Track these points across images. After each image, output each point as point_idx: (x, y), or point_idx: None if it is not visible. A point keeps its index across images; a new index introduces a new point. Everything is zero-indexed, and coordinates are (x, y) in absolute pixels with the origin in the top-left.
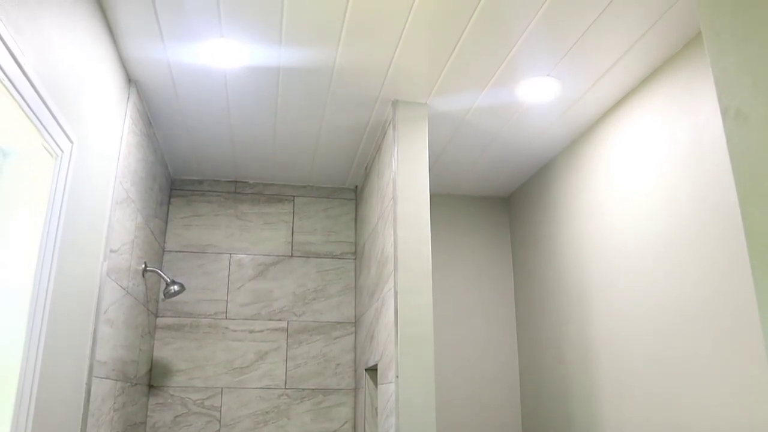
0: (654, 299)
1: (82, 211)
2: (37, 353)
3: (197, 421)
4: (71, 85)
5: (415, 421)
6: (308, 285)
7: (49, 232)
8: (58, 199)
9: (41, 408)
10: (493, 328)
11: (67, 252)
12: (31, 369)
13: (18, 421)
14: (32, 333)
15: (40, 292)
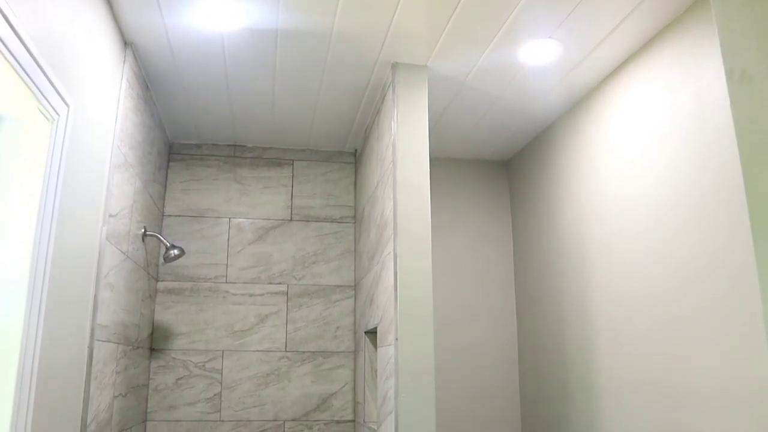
0: (653, 263)
1: (80, 176)
2: (39, 318)
3: (199, 383)
4: (66, 47)
5: (414, 383)
6: (308, 249)
7: (47, 197)
8: (56, 164)
9: (44, 371)
10: (493, 291)
11: (66, 217)
12: (33, 333)
13: (21, 385)
14: (33, 298)
15: (40, 257)
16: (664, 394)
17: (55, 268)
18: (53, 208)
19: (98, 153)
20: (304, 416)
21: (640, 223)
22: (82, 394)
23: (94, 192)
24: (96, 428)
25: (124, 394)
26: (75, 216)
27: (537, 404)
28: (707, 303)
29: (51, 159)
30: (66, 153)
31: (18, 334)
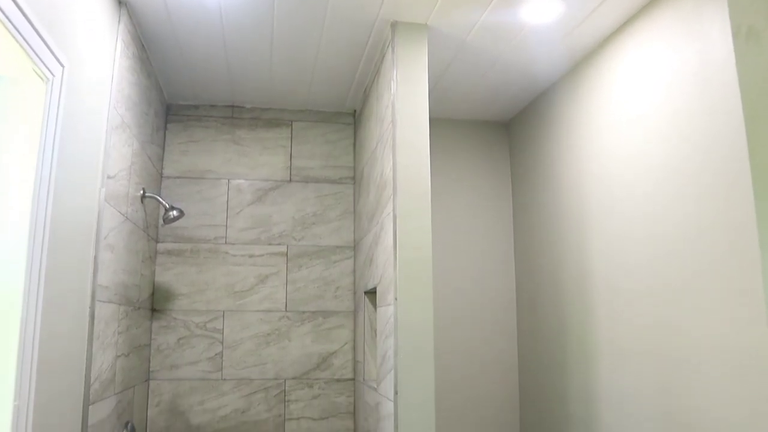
0: (653, 226)
1: (76, 137)
2: (39, 279)
3: (200, 343)
4: (59, 6)
5: (413, 342)
6: (307, 210)
7: (44, 158)
8: (52, 125)
9: (46, 331)
10: (491, 252)
11: (64, 178)
12: (34, 295)
13: (24, 345)
14: (33, 259)
15: (39, 219)
16: (662, 359)
17: (55, 230)
18: (51, 169)
19: (95, 114)
20: (304, 375)
21: (641, 185)
22: (85, 353)
23: (92, 153)
24: (99, 387)
25: (126, 353)
26: (73, 177)
27: (534, 368)
28: (706, 267)
29: (47, 120)
30: (62, 114)
31: (19, 295)
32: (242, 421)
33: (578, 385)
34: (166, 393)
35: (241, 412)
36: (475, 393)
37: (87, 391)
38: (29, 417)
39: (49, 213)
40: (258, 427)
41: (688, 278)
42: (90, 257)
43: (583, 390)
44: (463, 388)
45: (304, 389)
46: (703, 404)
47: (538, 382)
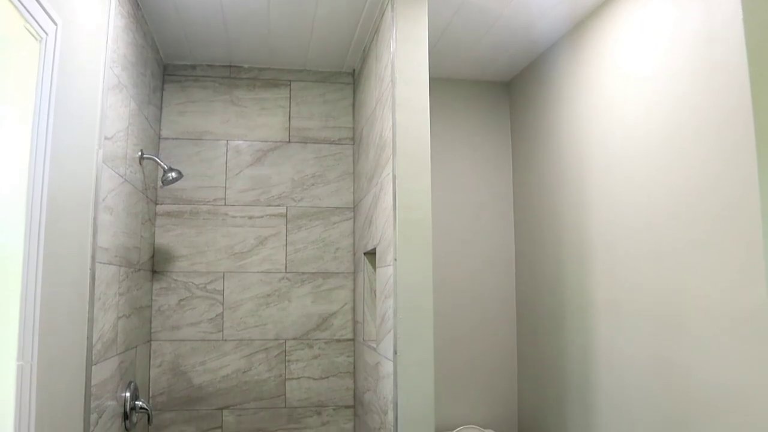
0: (653, 187)
1: (72, 98)
2: (39, 241)
3: (201, 304)
4: None
5: (413, 302)
6: (306, 171)
7: (41, 119)
8: (47, 85)
9: (47, 293)
10: (491, 213)
11: (61, 139)
12: (33, 257)
13: (26, 307)
14: (32, 221)
15: (36, 181)
16: (659, 320)
17: (53, 192)
18: (47, 130)
19: (90, 74)
20: (304, 335)
21: (641, 146)
22: (87, 314)
23: (88, 114)
24: (102, 347)
25: (128, 315)
26: (70, 139)
27: (533, 326)
28: (705, 229)
29: (41, 80)
30: (57, 74)
31: (19, 257)
32: (243, 381)
33: (575, 344)
34: (168, 353)
35: (242, 372)
36: (474, 351)
37: (89, 351)
38: (33, 377)
39: (47, 175)
40: (259, 387)
41: (687, 240)
42: (89, 219)
43: (580, 348)
44: (462, 347)
45: (304, 349)
46: (698, 364)
47: (536, 341)
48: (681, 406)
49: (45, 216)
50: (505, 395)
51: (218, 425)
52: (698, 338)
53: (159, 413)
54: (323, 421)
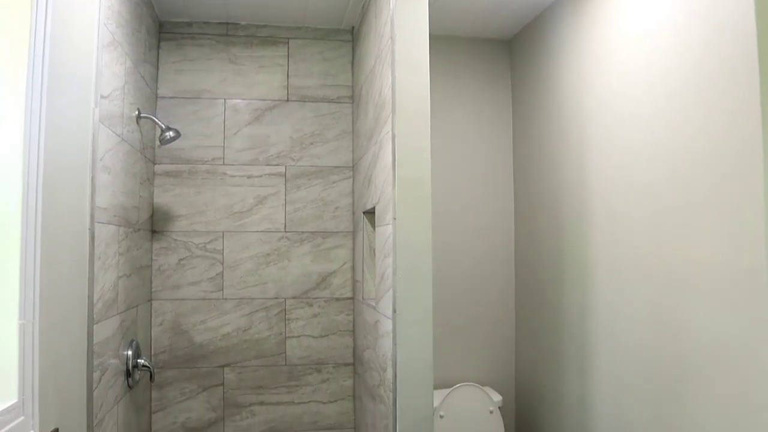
0: (654, 147)
1: (66, 55)
2: (36, 201)
3: (201, 263)
4: None
5: (412, 261)
6: (305, 130)
7: (35, 77)
8: (40, 42)
9: (47, 253)
10: (491, 173)
11: (56, 98)
12: (32, 217)
13: (26, 267)
14: (29, 182)
15: (32, 140)
16: (657, 278)
17: (49, 151)
18: (41, 88)
19: (84, 31)
20: (304, 294)
21: (643, 105)
22: (87, 274)
23: (83, 72)
24: (103, 307)
25: (128, 274)
26: (65, 97)
27: (531, 285)
28: (707, 190)
29: (34, 37)
30: (50, 30)
31: (17, 217)
32: (244, 339)
33: (573, 303)
34: (169, 312)
35: (242, 330)
36: (472, 310)
37: (91, 310)
38: (35, 335)
39: (43, 134)
40: (260, 345)
41: (687, 200)
42: (87, 179)
43: (578, 307)
44: (461, 306)
45: (304, 308)
46: (695, 323)
47: (535, 299)
48: (677, 364)
49: (42, 176)
50: (503, 353)
51: (219, 383)
52: (696, 298)
53: (161, 371)
54: (323, 379)
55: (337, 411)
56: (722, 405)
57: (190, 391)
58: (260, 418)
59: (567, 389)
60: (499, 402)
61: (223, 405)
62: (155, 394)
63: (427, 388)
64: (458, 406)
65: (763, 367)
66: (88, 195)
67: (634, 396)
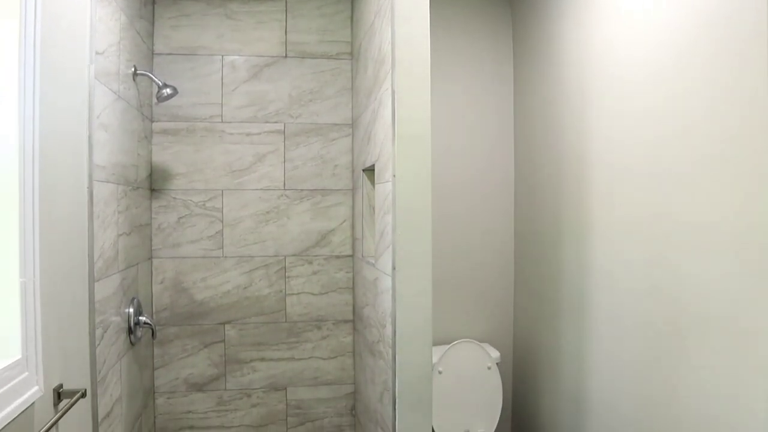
0: (656, 104)
1: (60, 9)
2: (33, 159)
3: (200, 221)
4: None
5: (411, 218)
6: (304, 87)
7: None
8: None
9: (46, 211)
10: (491, 130)
11: (50, 53)
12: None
13: (24, 225)
14: (25, 139)
15: (27, 96)
16: (657, 236)
17: (44, 107)
18: (35, 43)
19: None
20: (304, 252)
21: (646, 66)
22: (87, 232)
23: (78, 27)
24: (103, 265)
25: (128, 232)
26: (59, 53)
27: (531, 244)
28: (709, 144)
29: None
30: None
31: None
32: (244, 297)
33: (572, 261)
34: (169, 270)
35: (243, 288)
36: (471, 267)
37: (91, 268)
38: (36, 293)
39: (38, 90)
40: (260, 302)
41: (689, 157)
42: (84, 136)
43: (576, 264)
44: (460, 263)
45: (303, 265)
46: (694, 280)
47: (533, 257)
48: (673, 321)
49: (38, 133)
50: (502, 310)
51: (221, 339)
52: (696, 255)
53: (163, 328)
54: (323, 335)
55: (337, 367)
56: (716, 361)
57: (192, 347)
58: (261, 374)
59: (564, 346)
60: (497, 358)
61: (225, 361)
62: (157, 351)
63: (426, 344)
64: (456, 362)
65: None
66: (85, 153)
67: (630, 352)
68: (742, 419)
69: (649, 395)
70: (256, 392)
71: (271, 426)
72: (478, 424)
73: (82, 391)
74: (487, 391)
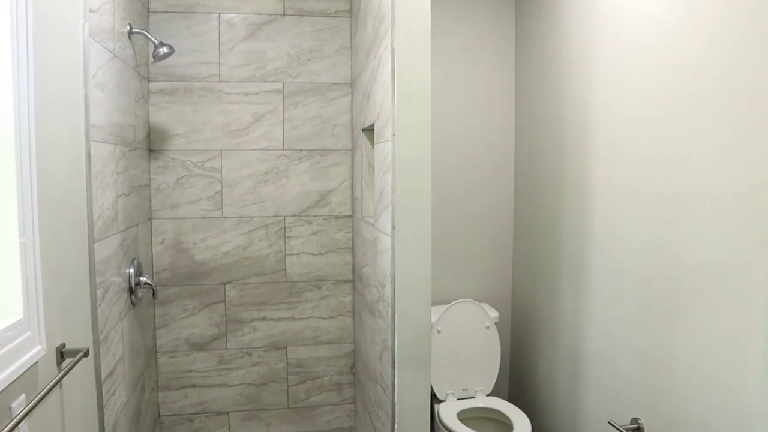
0: (658, 61)
1: None
2: (29, 119)
3: (199, 182)
4: None
5: (411, 178)
6: (302, 45)
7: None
8: None
9: (43, 172)
10: (492, 92)
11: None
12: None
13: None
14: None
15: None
16: (657, 195)
17: (39, 66)
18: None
19: None
20: (303, 212)
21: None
22: (85, 193)
23: None
24: (103, 225)
25: (126, 193)
26: (52, 9)
27: (531, 203)
28: (711, 105)
29: None
30: None
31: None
32: (244, 257)
33: (571, 221)
34: (169, 231)
35: (242, 248)
36: (471, 227)
37: (91, 229)
38: (36, 253)
39: (31, 48)
40: (260, 262)
41: (692, 115)
42: (80, 96)
43: (575, 225)
44: (460, 223)
45: (303, 226)
46: (692, 240)
47: (533, 218)
48: (670, 282)
49: (33, 92)
50: (501, 271)
51: (221, 299)
52: (695, 215)
53: (163, 288)
54: (323, 295)
55: (337, 326)
56: (712, 318)
57: (193, 307)
58: (262, 333)
59: (562, 306)
60: (496, 318)
61: (225, 321)
62: (159, 311)
63: (425, 304)
64: (455, 321)
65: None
66: (82, 112)
67: (628, 311)
68: (737, 376)
69: (646, 353)
70: (257, 351)
71: (272, 384)
72: (477, 382)
73: (85, 350)
74: (486, 350)
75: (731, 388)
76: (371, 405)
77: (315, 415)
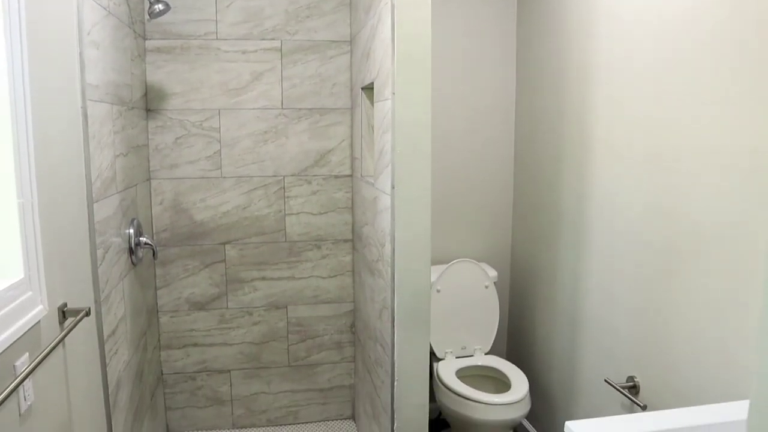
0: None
1: None
2: (23, 78)
3: (198, 142)
4: None
5: (410, 137)
6: (301, 2)
7: None
8: None
9: (40, 132)
10: (493, 54)
11: None
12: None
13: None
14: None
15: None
16: (656, 158)
17: (32, 23)
18: None
19: None
20: (302, 172)
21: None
22: (83, 153)
23: None
24: (101, 185)
25: (125, 153)
26: None
27: (530, 164)
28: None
29: None
30: None
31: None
32: (244, 217)
33: (571, 181)
34: (168, 191)
35: (242, 208)
36: (471, 187)
37: (89, 189)
38: (35, 213)
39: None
40: (259, 222)
41: (691, 78)
42: (75, 54)
43: (575, 186)
44: (459, 183)
45: (302, 185)
46: (692, 200)
47: (533, 180)
48: (669, 243)
49: (26, 50)
50: (500, 231)
51: (221, 259)
52: (695, 175)
53: (163, 248)
54: (323, 255)
55: (337, 286)
56: (710, 279)
57: (193, 267)
58: (262, 293)
59: (561, 266)
60: (495, 277)
61: (226, 281)
62: (159, 271)
63: (425, 263)
64: (455, 280)
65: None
66: (77, 71)
67: (626, 271)
68: (734, 337)
69: (644, 313)
70: (258, 310)
71: (273, 343)
72: (475, 341)
73: (86, 309)
74: (484, 309)
75: (728, 347)
76: (371, 363)
77: (315, 373)
